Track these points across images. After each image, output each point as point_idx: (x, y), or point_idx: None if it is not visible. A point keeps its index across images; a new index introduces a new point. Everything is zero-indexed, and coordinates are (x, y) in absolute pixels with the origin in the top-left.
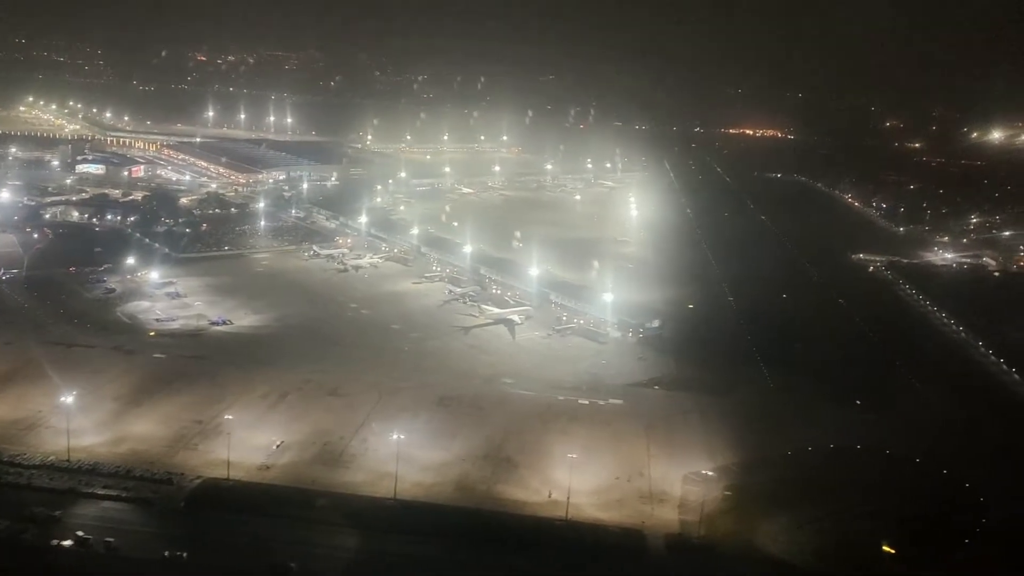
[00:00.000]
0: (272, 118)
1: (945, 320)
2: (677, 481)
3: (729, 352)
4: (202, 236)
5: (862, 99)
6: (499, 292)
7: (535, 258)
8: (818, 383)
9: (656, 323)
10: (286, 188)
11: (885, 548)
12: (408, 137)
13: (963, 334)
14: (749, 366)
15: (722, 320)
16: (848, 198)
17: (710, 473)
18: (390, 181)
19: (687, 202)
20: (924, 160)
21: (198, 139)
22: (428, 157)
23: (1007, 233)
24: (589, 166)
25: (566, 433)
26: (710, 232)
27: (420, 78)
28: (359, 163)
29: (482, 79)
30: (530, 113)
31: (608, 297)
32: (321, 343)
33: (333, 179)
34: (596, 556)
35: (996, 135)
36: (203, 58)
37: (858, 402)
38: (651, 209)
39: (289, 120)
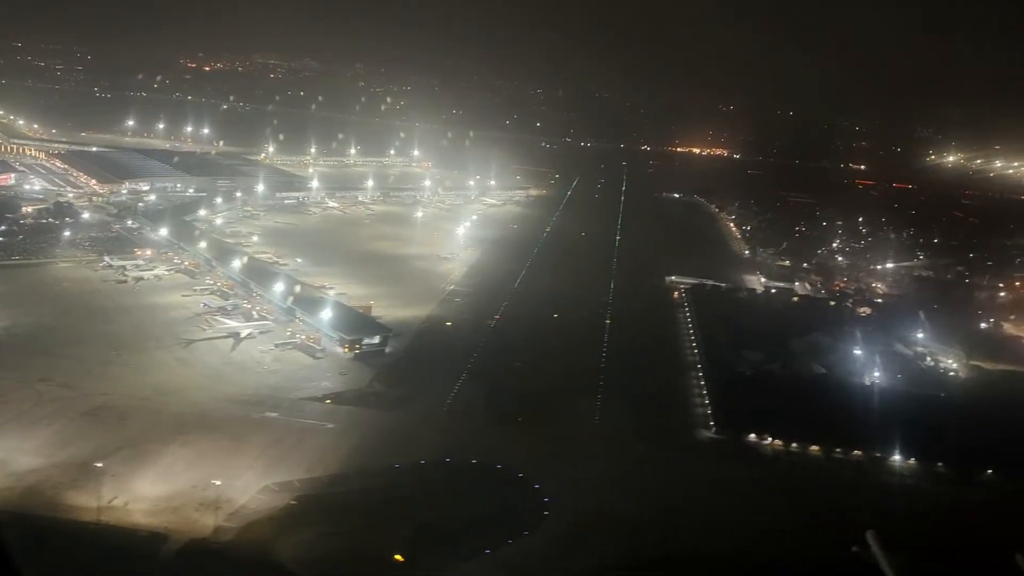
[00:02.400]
0: (190, 128)
1: (691, 344)
2: (254, 491)
3: (445, 369)
4: (10, 245)
5: (827, 120)
6: (249, 306)
7: (324, 273)
8: (503, 401)
9: (377, 339)
10: (144, 200)
11: (397, 557)
12: (313, 150)
13: (694, 358)
14: (450, 383)
15: (466, 336)
16: (728, 219)
17: (296, 483)
18: (237, 193)
19: (556, 220)
20: (850, 182)
21: (94, 148)
22: (326, 169)
23: (843, 260)
24: (471, 183)
25: (188, 444)
26: (548, 250)
27: (405, 88)
28: (242, 175)
29: (436, 88)
30: (449, 133)
31: (327, 314)
32: (32, 352)
33: (191, 191)
34: (100, 556)
35: (951, 158)
36: (192, 64)
37: (520, 419)
38: (508, 226)
39: (206, 131)
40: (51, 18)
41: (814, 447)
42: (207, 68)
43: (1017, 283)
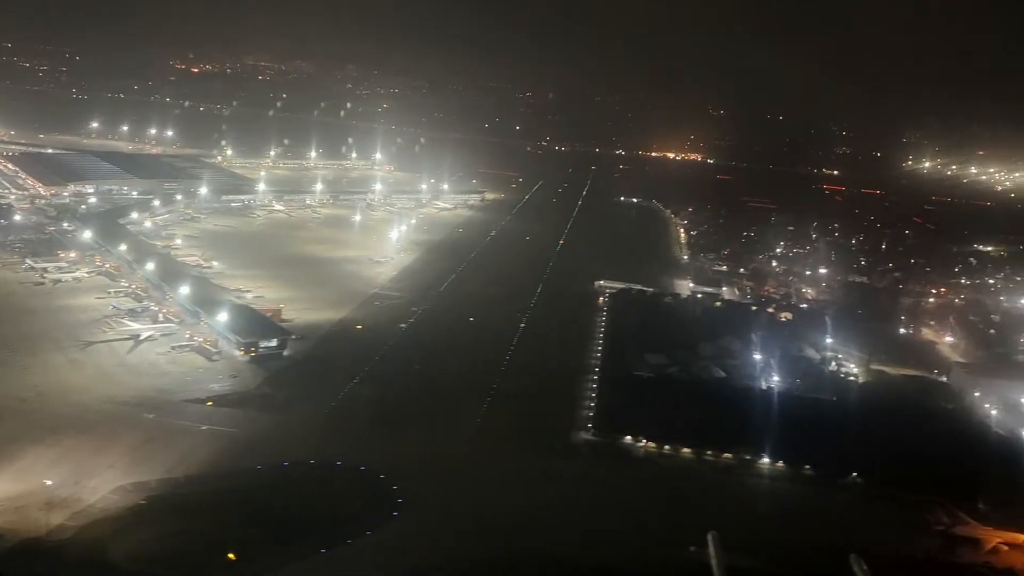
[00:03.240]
0: (154, 130)
1: (598, 347)
2: (107, 491)
3: (341, 371)
4: None
5: (812, 125)
6: (157, 309)
7: (249, 276)
8: (390, 403)
9: (274, 342)
10: (86, 202)
11: (229, 556)
12: (273, 153)
13: (597, 361)
14: (341, 386)
15: (373, 339)
16: (680, 224)
17: (152, 483)
18: (178, 196)
19: (505, 224)
20: (819, 187)
21: (50, 150)
22: (284, 172)
23: (780, 266)
24: (423, 187)
25: (55, 445)
26: (487, 254)
27: (393, 91)
28: (191, 177)
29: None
30: (422, 138)
31: (224, 316)
32: None
33: (134, 193)
34: None
35: (927, 163)
36: (182, 65)
37: (401, 422)
38: (454, 230)
39: (170, 133)
40: (45, 20)
41: (686, 449)
42: (195, 70)
43: (943, 290)
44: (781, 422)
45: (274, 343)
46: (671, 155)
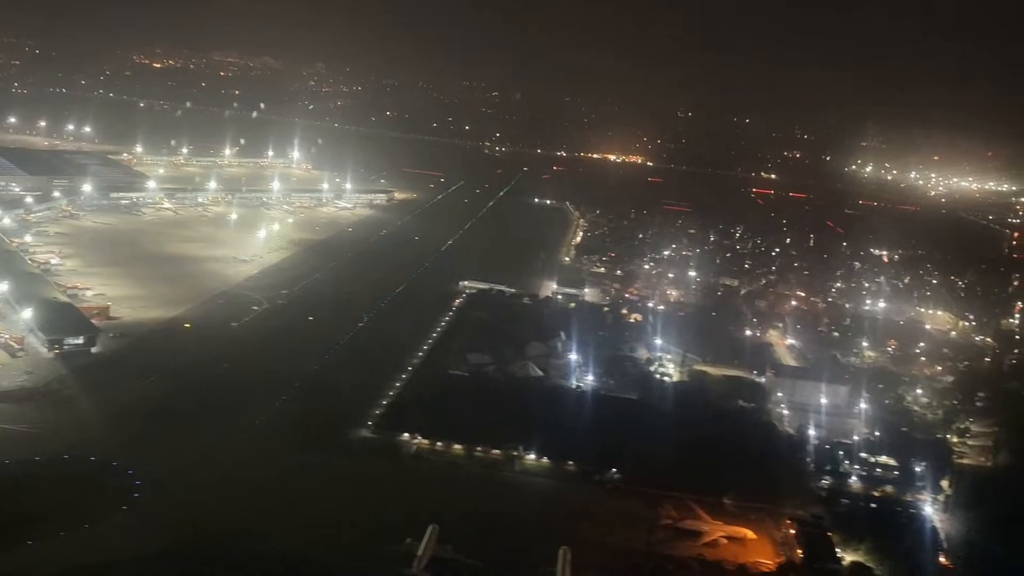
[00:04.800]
0: (72, 126)
1: (426, 346)
2: None
3: (145, 369)
4: None
5: (773, 128)
6: None
7: (101, 274)
8: (180, 400)
9: (81, 339)
10: None
11: None
12: (184, 150)
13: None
14: (138, 383)
15: (195, 339)
16: (581, 227)
17: None
18: (55, 194)
19: (402, 224)
20: (747, 191)
21: None
22: (195, 169)
23: (656, 268)
24: (325, 186)
25: None
26: (365, 253)
27: (357, 88)
28: (86, 174)
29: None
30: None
31: (30, 312)
32: None
33: (17, 189)
34: None
35: (868, 168)
36: (146, 60)
37: (183, 418)
38: (344, 229)
39: (87, 129)
40: (12, 14)
41: (458, 446)
42: (157, 65)
43: (805, 293)
44: (567, 420)
45: (81, 340)
46: (612, 157)
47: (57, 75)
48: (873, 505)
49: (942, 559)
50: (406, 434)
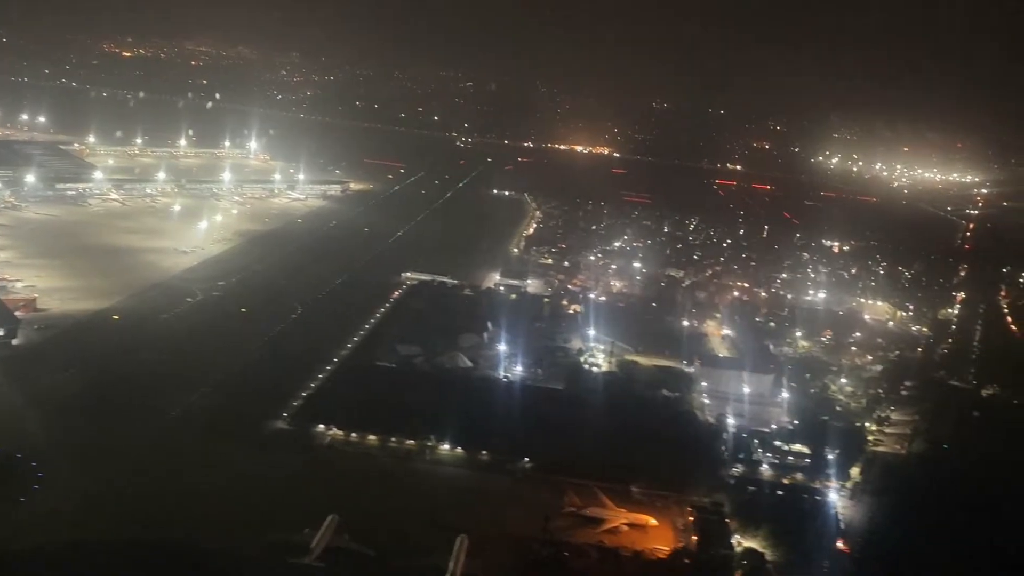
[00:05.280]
0: (25, 115)
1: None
2: None
3: (65, 361)
4: None
5: (745, 119)
6: None
7: (35, 265)
8: (96, 393)
9: (1, 331)
10: None
11: None
12: (139, 140)
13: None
14: (54, 375)
15: (122, 331)
16: (535, 219)
17: None
18: None
19: (353, 215)
20: (710, 183)
21: None
22: (149, 160)
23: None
24: (277, 177)
25: None
26: (311, 245)
27: (329, 78)
28: (34, 164)
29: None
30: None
31: None
32: None
33: None
34: None
35: (834, 160)
36: (116, 49)
37: (94, 411)
38: (293, 221)
39: (42, 119)
40: None
41: (372, 437)
42: (127, 54)
43: (747, 284)
44: (489, 410)
45: (1, 332)
46: (579, 149)
47: (22, 64)
48: (779, 492)
49: (840, 544)
50: (321, 426)
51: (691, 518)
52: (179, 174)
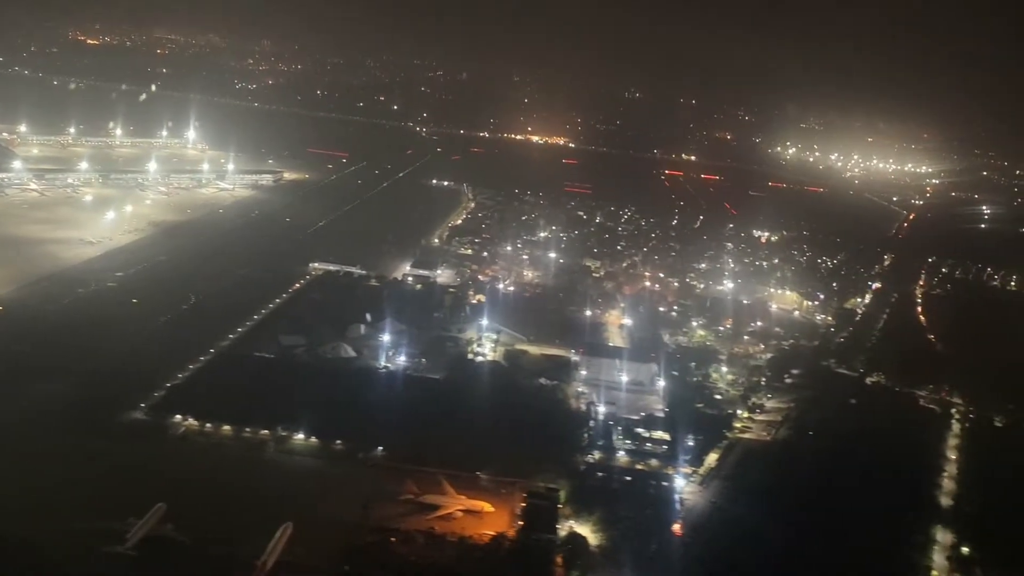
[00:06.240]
0: None
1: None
2: None
3: None
4: None
5: (713, 110)
6: None
7: None
8: None
9: None
10: None
11: None
12: (72, 130)
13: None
14: None
15: (6, 322)
16: (467, 209)
17: None
18: None
19: (277, 205)
20: (657, 173)
21: None
22: (83, 150)
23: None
24: (205, 167)
25: None
26: (224, 236)
27: (296, 67)
28: None
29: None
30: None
31: None
32: None
33: None
34: None
35: (791, 150)
36: (81, 36)
37: None
38: (215, 211)
39: None
40: None
41: (227, 427)
42: (92, 42)
43: (663, 274)
44: (358, 400)
45: None
46: (535, 138)
47: None
48: (627, 478)
49: (675, 527)
50: (178, 416)
51: (523, 504)
52: (108, 164)
